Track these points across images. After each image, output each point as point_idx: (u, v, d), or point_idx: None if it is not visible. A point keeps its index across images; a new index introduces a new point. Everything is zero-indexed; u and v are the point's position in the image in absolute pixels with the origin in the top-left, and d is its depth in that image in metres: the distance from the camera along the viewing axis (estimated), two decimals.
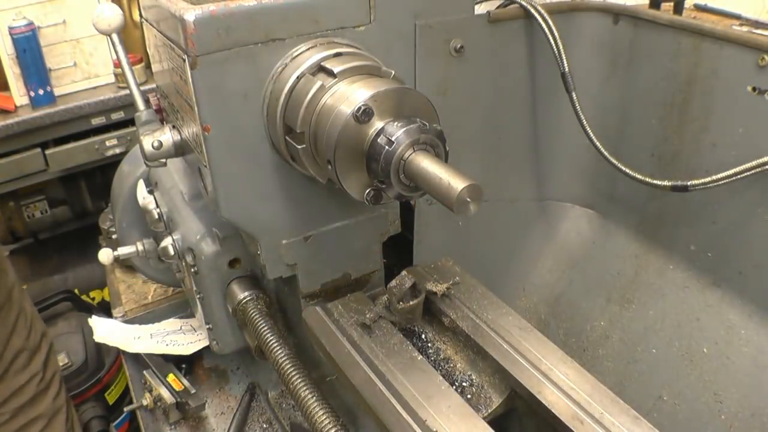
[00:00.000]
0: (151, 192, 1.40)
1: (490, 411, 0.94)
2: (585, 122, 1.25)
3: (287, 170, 0.99)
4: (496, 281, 1.27)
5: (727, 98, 1.14)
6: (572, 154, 1.44)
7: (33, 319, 1.42)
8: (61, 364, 2.12)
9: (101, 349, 2.21)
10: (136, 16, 2.46)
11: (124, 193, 1.54)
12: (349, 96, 0.81)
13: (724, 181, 1.08)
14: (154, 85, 1.60)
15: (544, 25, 1.24)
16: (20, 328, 1.34)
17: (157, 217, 1.33)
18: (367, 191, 0.85)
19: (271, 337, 1.07)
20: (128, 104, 2.44)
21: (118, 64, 2.41)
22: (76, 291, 2.53)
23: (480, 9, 1.27)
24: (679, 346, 1.27)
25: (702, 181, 1.11)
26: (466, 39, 1.12)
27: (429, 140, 0.79)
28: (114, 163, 1.92)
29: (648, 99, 1.29)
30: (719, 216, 1.21)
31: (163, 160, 1.10)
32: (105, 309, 2.37)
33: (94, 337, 1.56)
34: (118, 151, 2.53)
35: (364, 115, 0.79)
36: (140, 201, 1.40)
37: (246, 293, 1.19)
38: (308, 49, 0.91)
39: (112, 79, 2.55)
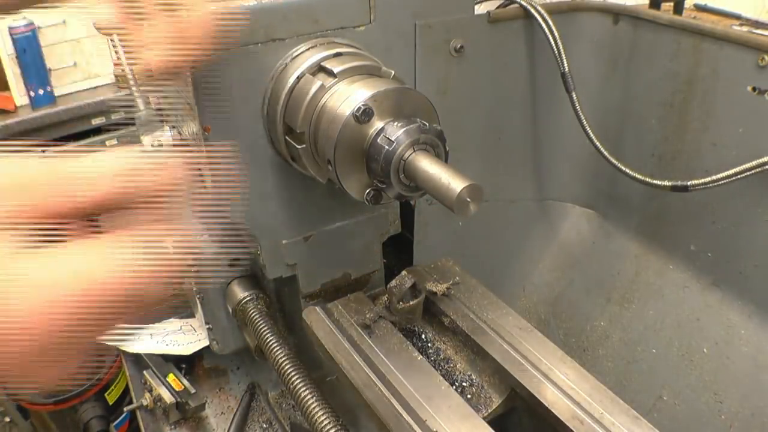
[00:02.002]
0: None
1: (490, 411, 0.94)
2: (585, 122, 1.25)
3: (287, 170, 0.99)
4: (496, 281, 1.26)
5: (727, 98, 1.14)
6: (572, 154, 1.44)
7: None
8: None
9: (101, 349, 2.21)
10: None
11: None
12: (349, 96, 0.81)
13: (724, 181, 1.08)
14: None
15: (544, 25, 1.24)
16: None
17: None
18: (367, 191, 0.85)
19: (271, 337, 1.07)
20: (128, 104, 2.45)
21: (118, 64, 2.42)
22: None
23: (480, 9, 1.27)
24: (679, 346, 1.27)
25: (702, 181, 1.11)
26: (466, 39, 1.12)
27: (429, 140, 0.79)
28: None
29: (648, 99, 1.29)
30: (719, 216, 1.21)
31: None
32: None
33: None
34: None
35: (364, 115, 0.79)
36: None
37: (246, 293, 1.19)
38: (308, 49, 0.91)
39: (112, 79, 2.56)
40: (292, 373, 0.99)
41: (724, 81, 1.14)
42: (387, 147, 0.79)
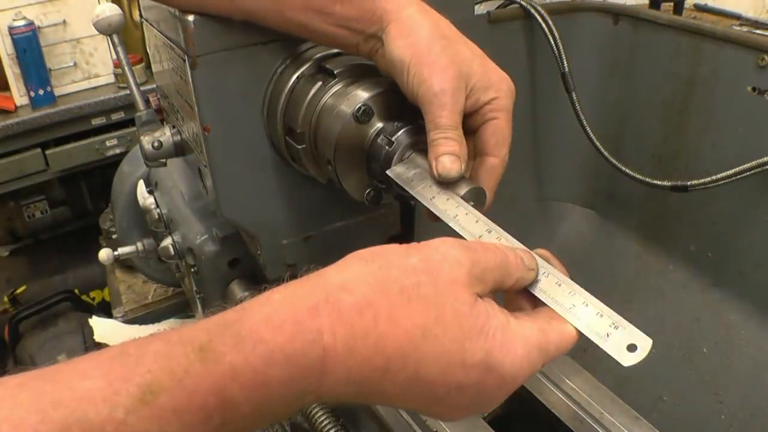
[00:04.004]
0: (151, 192, 1.40)
1: (489, 411, 0.94)
2: (585, 122, 1.25)
3: (287, 170, 0.99)
4: None
5: (727, 98, 1.14)
6: (572, 154, 1.44)
7: None
8: None
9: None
10: (136, 16, 2.46)
11: (124, 193, 1.54)
12: (349, 96, 0.81)
13: (724, 181, 1.08)
14: (154, 85, 1.60)
15: (544, 26, 1.24)
16: None
17: (157, 217, 1.33)
18: (367, 191, 0.85)
19: None
20: (128, 104, 2.45)
21: (118, 64, 2.42)
22: (76, 291, 2.53)
23: (480, 9, 1.27)
24: (679, 346, 1.27)
25: (702, 181, 1.11)
26: None
27: None
28: (114, 163, 1.92)
29: (648, 99, 1.29)
30: (719, 216, 1.21)
31: (163, 160, 1.10)
32: (105, 309, 2.37)
33: (94, 338, 1.56)
34: (118, 151, 2.53)
35: (364, 115, 0.79)
36: (141, 201, 1.40)
37: (246, 293, 1.19)
38: (308, 49, 0.91)
39: (112, 79, 2.56)
40: None
41: (724, 81, 1.13)
42: (387, 147, 0.79)
